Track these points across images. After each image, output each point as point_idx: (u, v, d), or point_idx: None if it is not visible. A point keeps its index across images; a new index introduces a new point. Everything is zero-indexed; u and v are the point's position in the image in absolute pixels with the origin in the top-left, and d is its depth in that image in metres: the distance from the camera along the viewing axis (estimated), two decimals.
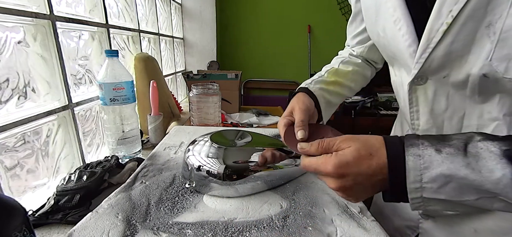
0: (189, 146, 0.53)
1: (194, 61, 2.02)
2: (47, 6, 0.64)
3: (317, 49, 2.49)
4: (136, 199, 0.46)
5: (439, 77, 0.39)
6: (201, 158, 0.49)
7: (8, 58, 0.56)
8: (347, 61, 0.63)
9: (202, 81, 1.27)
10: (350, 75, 0.61)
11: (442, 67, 0.37)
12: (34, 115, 0.60)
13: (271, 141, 0.53)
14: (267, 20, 2.46)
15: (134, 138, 0.77)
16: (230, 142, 0.51)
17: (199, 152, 0.50)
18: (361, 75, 0.62)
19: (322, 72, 0.61)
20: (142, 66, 1.00)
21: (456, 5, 0.32)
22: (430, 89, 0.41)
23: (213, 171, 0.47)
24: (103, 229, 0.38)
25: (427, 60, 0.37)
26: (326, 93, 0.56)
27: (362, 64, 0.63)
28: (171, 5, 1.71)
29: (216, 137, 0.52)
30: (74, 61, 0.77)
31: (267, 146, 0.51)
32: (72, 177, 0.53)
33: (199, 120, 0.98)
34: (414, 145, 0.31)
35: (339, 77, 0.60)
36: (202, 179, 0.47)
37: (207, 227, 0.40)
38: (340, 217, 0.43)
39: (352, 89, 0.62)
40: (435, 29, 0.35)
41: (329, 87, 0.58)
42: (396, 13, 0.40)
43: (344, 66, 0.61)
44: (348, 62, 0.62)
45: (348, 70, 0.61)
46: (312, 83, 0.57)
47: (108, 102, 0.70)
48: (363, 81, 0.63)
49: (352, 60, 0.63)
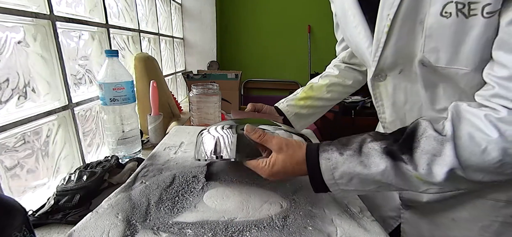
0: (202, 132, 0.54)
1: (194, 61, 2.02)
2: (47, 6, 0.64)
3: (317, 49, 2.49)
4: (136, 199, 0.46)
5: (396, 73, 0.45)
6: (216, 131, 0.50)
7: (8, 58, 0.56)
8: (325, 75, 0.71)
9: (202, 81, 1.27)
10: (325, 88, 0.69)
11: (396, 63, 0.43)
12: (34, 115, 0.60)
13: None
14: (267, 20, 2.46)
15: (134, 138, 0.77)
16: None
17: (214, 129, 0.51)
18: (340, 85, 0.69)
19: (298, 90, 0.71)
20: (142, 66, 1.00)
21: (392, 9, 0.38)
22: (390, 85, 0.47)
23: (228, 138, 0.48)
24: (103, 229, 0.38)
25: (381, 57, 0.43)
26: (295, 108, 0.67)
27: (341, 74, 0.70)
28: (171, 5, 1.70)
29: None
30: (74, 61, 0.77)
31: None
32: (72, 177, 0.53)
33: (199, 120, 0.97)
34: (325, 151, 0.39)
35: (313, 91, 0.69)
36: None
37: (207, 227, 0.40)
38: (340, 217, 0.43)
39: (330, 99, 0.69)
40: (380, 30, 0.41)
41: (299, 102, 0.68)
42: (356, 20, 0.46)
43: (321, 80, 0.70)
44: (326, 76, 0.71)
45: (324, 84, 0.69)
46: (284, 102, 0.69)
47: (108, 102, 0.70)
48: (343, 89, 0.70)
49: (331, 73, 0.71)
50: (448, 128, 0.34)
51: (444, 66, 0.37)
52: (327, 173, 0.38)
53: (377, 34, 0.42)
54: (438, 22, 0.35)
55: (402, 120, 0.49)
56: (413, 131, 0.36)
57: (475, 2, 0.32)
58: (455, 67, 0.37)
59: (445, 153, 0.33)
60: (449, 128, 0.33)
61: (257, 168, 0.43)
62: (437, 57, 0.37)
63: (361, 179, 0.37)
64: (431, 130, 0.34)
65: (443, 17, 0.34)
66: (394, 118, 0.49)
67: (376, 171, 0.36)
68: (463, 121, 0.34)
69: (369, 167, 0.36)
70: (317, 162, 0.39)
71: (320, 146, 0.40)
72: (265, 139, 0.42)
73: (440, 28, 0.35)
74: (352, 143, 0.39)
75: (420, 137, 0.35)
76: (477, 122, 0.32)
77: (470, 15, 0.33)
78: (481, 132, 0.31)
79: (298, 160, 0.41)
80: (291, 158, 0.41)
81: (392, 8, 0.38)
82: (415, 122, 0.37)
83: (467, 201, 0.45)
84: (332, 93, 0.68)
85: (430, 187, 0.35)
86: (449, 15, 0.34)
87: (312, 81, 0.71)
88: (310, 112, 0.68)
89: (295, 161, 0.41)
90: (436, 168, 0.33)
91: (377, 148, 0.36)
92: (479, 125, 0.32)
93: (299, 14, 2.42)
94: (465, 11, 0.33)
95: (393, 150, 0.36)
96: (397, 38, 0.40)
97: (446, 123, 0.34)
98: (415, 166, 0.34)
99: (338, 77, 0.69)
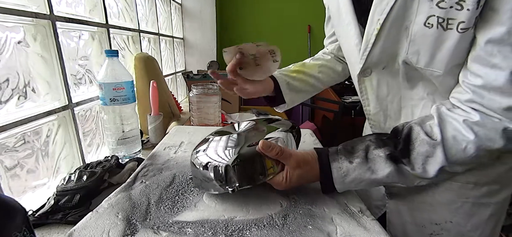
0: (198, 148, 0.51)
1: (194, 61, 2.02)
2: (47, 6, 0.64)
3: (317, 49, 2.45)
4: (136, 198, 0.46)
5: (379, 69, 0.50)
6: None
7: (8, 58, 0.56)
8: (317, 58, 0.75)
9: (202, 81, 1.27)
10: (317, 67, 0.71)
11: (380, 61, 0.48)
12: (34, 115, 0.60)
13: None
14: (267, 20, 2.46)
15: (134, 138, 0.77)
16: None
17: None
18: (330, 69, 0.72)
19: (290, 66, 0.72)
20: (142, 66, 1.00)
21: (382, 15, 0.42)
22: (374, 79, 0.51)
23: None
24: (103, 228, 0.38)
25: (368, 56, 0.48)
26: (287, 77, 0.67)
27: (332, 60, 0.73)
28: (171, 5, 1.71)
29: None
30: (74, 61, 0.77)
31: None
32: (72, 177, 0.53)
33: (199, 120, 0.98)
34: (336, 160, 0.45)
35: (305, 68, 0.71)
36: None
37: (207, 226, 0.40)
38: (340, 216, 0.43)
39: (320, 80, 0.71)
40: (370, 33, 0.45)
41: (292, 74, 0.69)
42: (347, 17, 0.50)
43: (313, 61, 0.73)
44: (318, 59, 0.74)
45: (316, 63, 0.72)
46: (277, 72, 0.69)
47: (108, 102, 0.70)
48: (333, 74, 0.73)
49: (322, 57, 0.74)
50: (437, 132, 0.40)
51: (423, 67, 0.43)
52: (338, 180, 0.44)
53: (367, 36, 0.46)
54: (421, 30, 0.40)
55: (384, 111, 0.54)
56: (408, 136, 0.43)
57: (452, 19, 0.37)
58: (430, 69, 0.42)
59: (437, 154, 0.40)
60: (438, 133, 0.40)
61: (273, 182, 0.46)
62: (417, 59, 0.43)
63: (368, 182, 0.44)
64: (423, 134, 0.41)
65: (426, 27, 0.39)
66: (378, 109, 0.54)
67: (382, 175, 0.42)
68: (446, 125, 0.40)
69: (376, 172, 0.43)
70: (329, 171, 0.45)
71: (330, 156, 0.46)
72: (283, 156, 0.44)
73: (423, 36, 0.40)
74: (357, 150, 0.45)
75: (414, 141, 0.42)
76: (458, 126, 0.39)
77: (447, 28, 0.38)
78: (461, 134, 0.39)
79: (314, 173, 0.46)
80: (307, 173, 0.45)
81: (382, 14, 0.42)
82: (407, 126, 0.43)
83: (440, 186, 0.51)
84: (322, 74, 0.71)
85: (422, 181, 0.43)
86: (431, 25, 0.39)
87: (304, 61, 0.74)
88: (301, 87, 0.69)
89: (311, 175, 0.46)
90: (429, 167, 0.41)
91: (382, 155, 0.43)
92: (460, 129, 0.39)
93: (299, 14, 2.42)
94: (444, 24, 0.38)
95: (395, 156, 0.42)
96: (384, 40, 0.45)
97: (434, 127, 0.41)
98: (413, 167, 0.42)
99: (329, 62, 0.73)
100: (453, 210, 0.50)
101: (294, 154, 0.45)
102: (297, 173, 0.45)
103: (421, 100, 0.48)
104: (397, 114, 0.52)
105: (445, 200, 0.51)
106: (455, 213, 0.50)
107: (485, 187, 0.49)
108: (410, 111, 0.50)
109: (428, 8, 0.38)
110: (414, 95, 0.49)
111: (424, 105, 0.48)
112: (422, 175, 0.41)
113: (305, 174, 0.45)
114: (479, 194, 0.49)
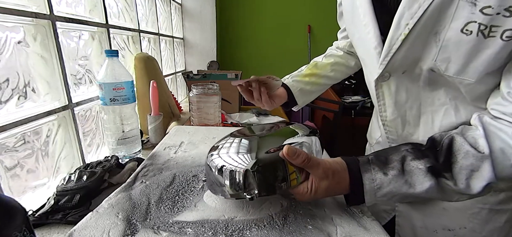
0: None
1: (194, 61, 2.02)
2: (47, 6, 0.64)
3: (317, 49, 2.48)
4: (136, 198, 0.46)
5: (399, 74, 0.46)
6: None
7: (8, 58, 0.56)
8: (330, 55, 0.73)
9: (202, 81, 1.27)
10: (330, 66, 0.71)
11: (401, 66, 0.45)
12: (34, 115, 0.60)
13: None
14: (267, 20, 2.45)
15: (134, 138, 0.77)
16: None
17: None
18: (343, 65, 0.72)
19: (303, 67, 0.73)
20: (142, 66, 1.00)
21: (412, 19, 0.39)
22: (393, 84, 0.48)
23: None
24: (103, 228, 0.38)
25: (389, 62, 0.44)
26: (300, 84, 0.68)
27: (345, 55, 0.72)
28: (171, 5, 1.70)
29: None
30: (74, 61, 0.76)
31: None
32: (72, 177, 0.53)
33: (199, 120, 0.97)
34: (368, 171, 0.40)
35: (318, 69, 0.71)
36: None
37: (207, 226, 0.40)
38: (340, 216, 0.43)
39: (332, 78, 0.71)
40: (395, 38, 0.42)
41: (304, 79, 0.70)
42: (366, 19, 0.46)
43: (326, 59, 0.72)
44: (331, 56, 0.73)
45: (328, 62, 0.71)
46: (289, 78, 0.71)
47: (108, 102, 0.70)
48: (346, 70, 0.72)
49: (335, 53, 0.73)
50: (484, 145, 0.36)
51: (451, 75, 0.40)
52: (370, 192, 0.40)
53: (390, 41, 0.42)
54: (456, 37, 0.37)
55: (402, 117, 0.50)
56: (449, 147, 0.38)
57: (497, 26, 0.34)
58: (461, 77, 0.39)
59: (483, 169, 0.36)
60: (485, 145, 0.36)
61: (296, 192, 0.41)
62: (447, 66, 0.40)
63: (402, 197, 0.40)
64: (467, 146, 0.37)
65: (463, 33, 0.36)
66: (396, 116, 0.51)
67: (421, 190, 0.38)
68: (493, 136, 0.37)
69: (414, 186, 0.38)
70: (360, 183, 0.40)
71: (361, 166, 0.41)
72: (309, 165, 0.39)
73: (457, 43, 0.37)
74: (392, 161, 0.40)
75: (457, 153, 0.37)
76: (507, 139, 0.36)
77: (489, 36, 0.35)
78: (511, 148, 0.35)
79: (343, 186, 0.41)
80: (336, 185, 0.41)
81: (412, 19, 0.39)
82: (448, 136, 0.39)
83: None
84: (335, 72, 0.70)
85: (462, 197, 0.39)
86: (469, 33, 0.36)
87: (316, 60, 0.73)
88: (313, 89, 0.71)
89: (340, 187, 0.41)
90: (473, 182, 0.37)
91: (422, 167, 0.38)
92: (509, 142, 0.35)
93: (299, 14, 2.42)
94: (485, 32, 0.35)
95: (438, 169, 0.38)
96: (409, 46, 0.41)
97: (480, 139, 0.37)
98: (455, 182, 0.37)
99: (342, 58, 0.71)
100: (469, 216, 0.48)
101: (322, 163, 0.40)
102: (324, 184, 0.40)
103: (443, 106, 0.45)
104: (416, 120, 0.49)
105: (461, 206, 0.48)
106: (471, 219, 0.49)
107: (502, 194, 0.47)
108: (430, 118, 0.47)
109: (469, 13, 0.35)
110: (435, 101, 0.46)
111: (445, 111, 0.45)
112: (465, 191, 0.37)
113: (333, 186, 0.40)
114: (497, 200, 0.47)
